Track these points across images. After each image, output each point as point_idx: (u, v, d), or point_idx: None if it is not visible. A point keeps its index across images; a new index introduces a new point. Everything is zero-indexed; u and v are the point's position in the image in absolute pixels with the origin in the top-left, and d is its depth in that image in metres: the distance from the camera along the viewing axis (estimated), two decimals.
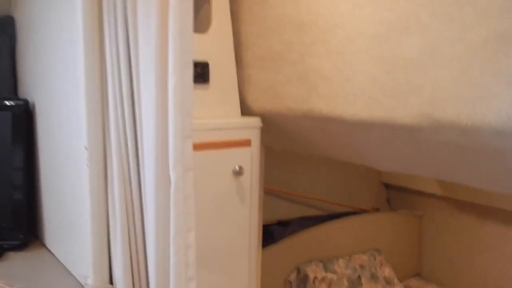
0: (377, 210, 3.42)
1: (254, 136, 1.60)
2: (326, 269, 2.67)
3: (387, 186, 3.55)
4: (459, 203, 3.15)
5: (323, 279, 2.63)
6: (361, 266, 2.81)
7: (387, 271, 2.95)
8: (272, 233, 2.64)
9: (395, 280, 2.95)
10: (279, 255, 2.62)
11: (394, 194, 3.54)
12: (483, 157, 1.30)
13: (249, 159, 1.58)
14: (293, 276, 2.65)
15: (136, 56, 1.03)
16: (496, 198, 2.87)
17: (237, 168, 1.53)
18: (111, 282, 1.19)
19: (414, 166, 1.48)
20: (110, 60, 1.07)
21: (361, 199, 3.37)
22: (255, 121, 1.61)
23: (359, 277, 2.76)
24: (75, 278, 1.33)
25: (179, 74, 0.95)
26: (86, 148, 1.13)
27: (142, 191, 1.09)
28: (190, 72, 0.97)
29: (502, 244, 2.97)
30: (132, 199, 1.12)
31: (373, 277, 2.83)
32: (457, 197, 3.11)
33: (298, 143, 1.83)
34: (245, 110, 1.68)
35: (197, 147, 1.45)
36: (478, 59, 1.13)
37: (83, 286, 1.27)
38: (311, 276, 2.60)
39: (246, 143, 1.57)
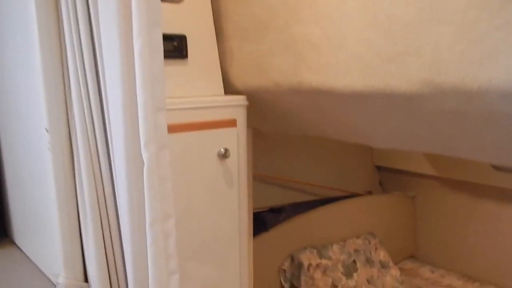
0: (370, 193, 3.30)
1: (240, 116, 1.46)
2: (320, 256, 2.55)
3: (379, 168, 3.43)
4: (452, 182, 3.05)
5: (317, 265, 2.51)
6: (356, 251, 2.70)
7: (382, 255, 2.83)
8: (264, 220, 2.51)
9: (391, 263, 2.83)
10: (272, 243, 2.49)
11: (387, 176, 3.43)
12: (489, 126, 1.17)
13: (235, 140, 1.44)
14: (287, 264, 2.52)
15: (96, 17, 0.88)
16: (489, 176, 2.78)
17: (223, 150, 1.39)
18: (86, 280, 1.05)
19: (413, 141, 1.34)
20: (67, 23, 0.91)
21: (354, 182, 3.25)
22: (240, 99, 1.47)
23: (354, 261, 2.64)
24: (47, 277, 1.19)
25: (145, 35, 0.79)
26: (47, 130, 0.98)
27: (113, 175, 0.94)
28: (158, 32, 0.82)
29: (496, 222, 2.88)
30: (103, 185, 0.97)
31: (368, 261, 2.72)
32: (450, 176, 3.01)
33: (287, 124, 1.69)
34: (228, 88, 1.53)
35: (178, 128, 1.30)
36: (484, 12, 1.00)
37: (55, 286, 1.13)
38: (306, 263, 2.48)
39: (231, 123, 1.43)
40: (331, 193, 3.02)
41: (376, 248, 2.82)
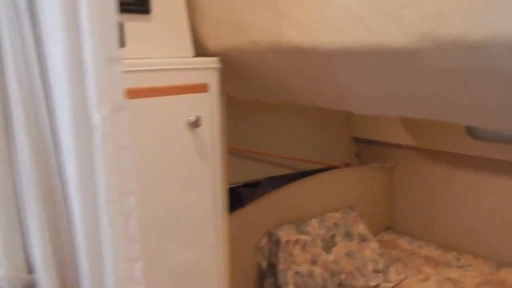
0: (347, 165, 3.19)
1: (212, 80, 1.29)
2: (299, 231, 2.42)
3: (357, 140, 3.32)
4: (430, 152, 2.96)
5: (296, 241, 2.38)
6: (335, 225, 2.58)
7: (361, 228, 2.73)
8: (239, 195, 2.36)
9: (370, 236, 2.73)
10: (248, 220, 2.35)
11: (364, 148, 3.31)
12: (493, 86, 1.03)
13: (208, 107, 1.27)
14: (264, 241, 2.38)
15: None
16: (467, 145, 2.70)
17: (193, 118, 1.22)
18: (30, 271, 0.88)
19: (406, 105, 1.20)
20: None
21: (331, 155, 3.13)
22: (212, 61, 1.29)
23: (333, 236, 2.53)
24: None
25: None
26: None
27: (59, 143, 0.76)
28: None
29: (473, 191, 2.81)
30: (46, 157, 0.80)
31: (348, 235, 2.61)
32: (428, 147, 2.92)
33: (265, 89, 1.53)
34: (199, 50, 1.35)
35: (141, 93, 1.13)
36: None
37: None
38: (284, 239, 2.35)
39: (202, 88, 1.25)
40: (308, 166, 2.89)
41: (355, 221, 2.72)
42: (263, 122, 2.71)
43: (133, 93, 1.10)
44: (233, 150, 2.52)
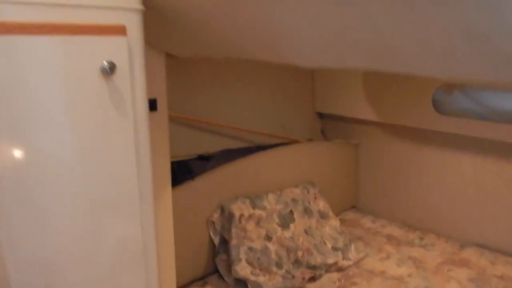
0: (310, 141, 3.06)
1: (132, 23, 1.12)
2: (254, 206, 2.29)
3: (321, 116, 3.19)
4: (395, 128, 2.85)
5: (250, 216, 2.25)
6: (294, 200, 2.45)
7: (321, 204, 2.61)
8: (189, 168, 2.21)
9: (330, 213, 2.62)
10: (199, 193, 2.20)
11: (329, 124, 3.19)
12: (439, 22, 0.88)
13: (125, 54, 1.11)
14: (216, 215, 2.25)
15: None
16: (433, 120, 2.60)
17: (106, 64, 1.06)
18: None
19: (345, 52, 1.05)
20: None
21: (294, 130, 2.99)
22: (132, 1, 1.13)
23: (291, 211, 2.40)
24: None
25: None
26: None
27: None
28: None
29: (438, 168, 2.72)
30: None
31: (307, 211, 2.48)
32: (393, 122, 2.80)
33: (201, 42, 1.37)
34: None
35: (34, 29, 0.96)
36: None
37: None
38: (237, 214, 2.21)
39: (119, 30, 1.09)
40: (268, 141, 2.75)
41: (315, 198, 2.59)
42: (221, 93, 2.56)
43: (23, 28, 0.93)
44: (186, 121, 2.37)
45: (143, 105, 1.18)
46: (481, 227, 2.62)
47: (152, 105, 1.46)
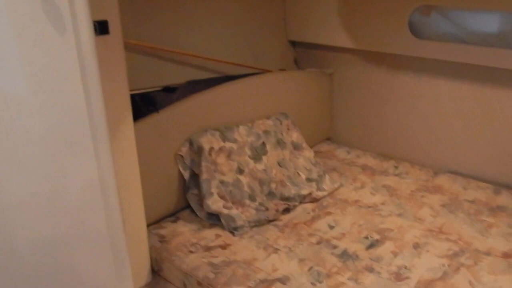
0: (283, 71, 2.95)
1: None
2: (224, 138, 2.21)
3: (294, 44, 3.06)
4: (371, 55, 2.76)
5: (221, 149, 2.18)
6: (266, 132, 2.38)
7: (295, 136, 2.55)
8: (153, 100, 2.10)
9: (304, 145, 2.57)
10: (165, 126, 2.10)
11: (302, 53, 3.07)
12: None
13: None
14: (184, 149, 2.17)
15: None
16: (410, 45, 2.51)
17: None
18: None
19: None
20: None
21: (265, 60, 2.87)
22: None
23: (263, 143, 2.34)
24: None
25: None
26: None
27: None
28: None
29: (414, 96, 2.67)
30: None
31: (280, 143, 2.42)
32: (369, 49, 2.70)
33: None
34: None
35: None
36: None
37: None
38: (206, 147, 2.14)
39: None
40: (239, 71, 2.63)
41: (288, 129, 2.53)
42: (187, 19, 2.40)
43: None
44: (149, 49, 2.23)
45: (86, 23, 1.06)
46: (455, 154, 2.62)
47: (103, 27, 1.32)
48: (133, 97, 1.76)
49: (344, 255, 1.91)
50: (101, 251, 1.26)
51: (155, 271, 2.04)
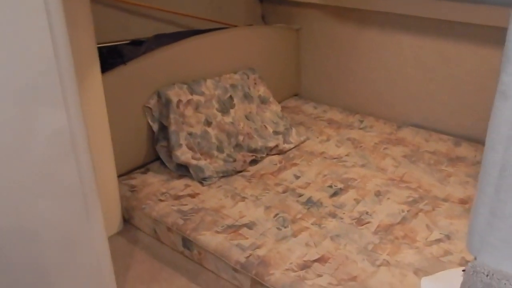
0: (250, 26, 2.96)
1: None
2: (191, 91, 2.24)
3: (261, 0, 3.07)
4: (337, 10, 2.80)
5: (188, 102, 2.21)
6: (233, 86, 2.42)
7: (261, 90, 2.59)
8: (120, 52, 2.10)
9: (271, 99, 2.62)
10: (133, 78, 2.12)
11: (270, 9, 3.08)
12: None
13: None
14: (152, 102, 2.19)
15: None
16: (373, 1, 2.56)
17: None
18: None
19: None
20: None
21: (233, 15, 2.87)
22: None
23: (230, 97, 2.38)
24: None
25: None
26: None
27: None
28: None
29: (379, 50, 2.74)
30: None
31: (246, 97, 2.47)
32: (335, 4, 2.74)
33: None
34: None
35: None
36: None
37: None
38: (174, 99, 2.16)
39: None
40: (205, 25, 2.63)
41: (255, 83, 2.57)
42: None
43: None
44: (115, 2, 2.20)
45: None
46: (418, 108, 2.71)
47: None
48: (100, 50, 1.77)
49: (309, 203, 2.00)
50: (72, 202, 1.29)
51: (126, 220, 2.09)
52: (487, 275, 0.93)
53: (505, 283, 0.92)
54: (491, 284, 0.94)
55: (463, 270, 1.05)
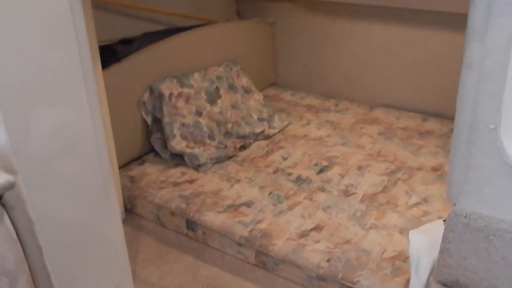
0: (228, 21, 3.13)
1: None
2: (181, 84, 2.39)
3: None
4: (308, 3, 2.99)
5: (179, 94, 2.36)
6: (218, 78, 2.58)
7: (244, 81, 2.77)
8: (114, 51, 2.23)
9: (253, 88, 2.79)
10: (127, 75, 2.24)
11: (244, 4, 3.24)
12: None
13: None
14: (146, 96, 2.33)
15: None
16: None
17: None
18: None
19: None
20: None
21: (210, 11, 3.02)
22: None
23: (217, 88, 2.54)
24: None
25: None
26: None
27: None
28: None
29: (350, 38, 2.93)
30: None
31: (231, 87, 2.63)
32: None
33: None
34: None
35: None
36: None
37: None
38: (166, 93, 2.31)
39: None
40: (186, 22, 2.78)
41: (238, 75, 2.73)
42: None
43: None
44: (102, 3, 2.33)
45: None
46: (388, 89, 2.94)
47: None
48: None
49: (299, 180, 2.19)
50: (96, 198, 1.42)
51: (128, 209, 2.23)
52: (465, 217, 1.14)
53: (480, 222, 1.13)
54: (469, 224, 1.15)
55: (443, 220, 1.26)
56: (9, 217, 0.98)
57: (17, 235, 1.00)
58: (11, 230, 0.98)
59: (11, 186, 0.95)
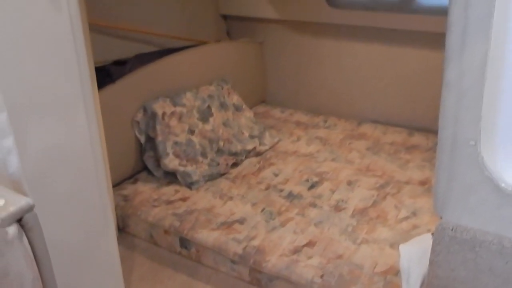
0: (219, 42, 3.20)
1: None
2: (174, 104, 2.43)
3: (225, 17, 3.30)
4: (295, 24, 3.07)
5: (172, 113, 2.39)
6: (210, 96, 2.62)
7: (235, 99, 2.82)
8: (108, 72, 2.27)
9: (244, 106, 2.84)
10: (121, 95, 2.28)
11: (234, 25, 3.31)
12: None
13: None
14: (140, 115, 2.36)
15: None
16: (327, 14, 2.85)
17: None
18: None
19: None
20: None
21: (201, 32, 3.08)
22: None
23: (208, 106, 2.58)
24: None
25: None
26: None
27: None
28: None
29: (336, 57, 3.01)
30: None
31: (223, 106, 2.68)
32: (292, 18, 3.02)
33: None
34: None
35: None
36: None
37: None
38: (160, 112, 2.35)
39: None
40: (177, 43, 2.83)
41: (229, 93, 2.79)
42: None
43: None
44: (96, 26, 2.37)
45: (76, 3, 1.25)
46: (374, 105, 3.01)
47: None
48: None
49: (290, 196, 2.23)
50: (94, 215, 1.45)
51: (121, 229, 2.24)
52: (452, 230, 1.19)
53: (466, 234, 1.17)
54: (456, 236, 1.19)
55: (432, 234, 1.30)
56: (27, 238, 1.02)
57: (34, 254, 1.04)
58: (28, 249, 1.01)
59: (30, 208, 0.99)
